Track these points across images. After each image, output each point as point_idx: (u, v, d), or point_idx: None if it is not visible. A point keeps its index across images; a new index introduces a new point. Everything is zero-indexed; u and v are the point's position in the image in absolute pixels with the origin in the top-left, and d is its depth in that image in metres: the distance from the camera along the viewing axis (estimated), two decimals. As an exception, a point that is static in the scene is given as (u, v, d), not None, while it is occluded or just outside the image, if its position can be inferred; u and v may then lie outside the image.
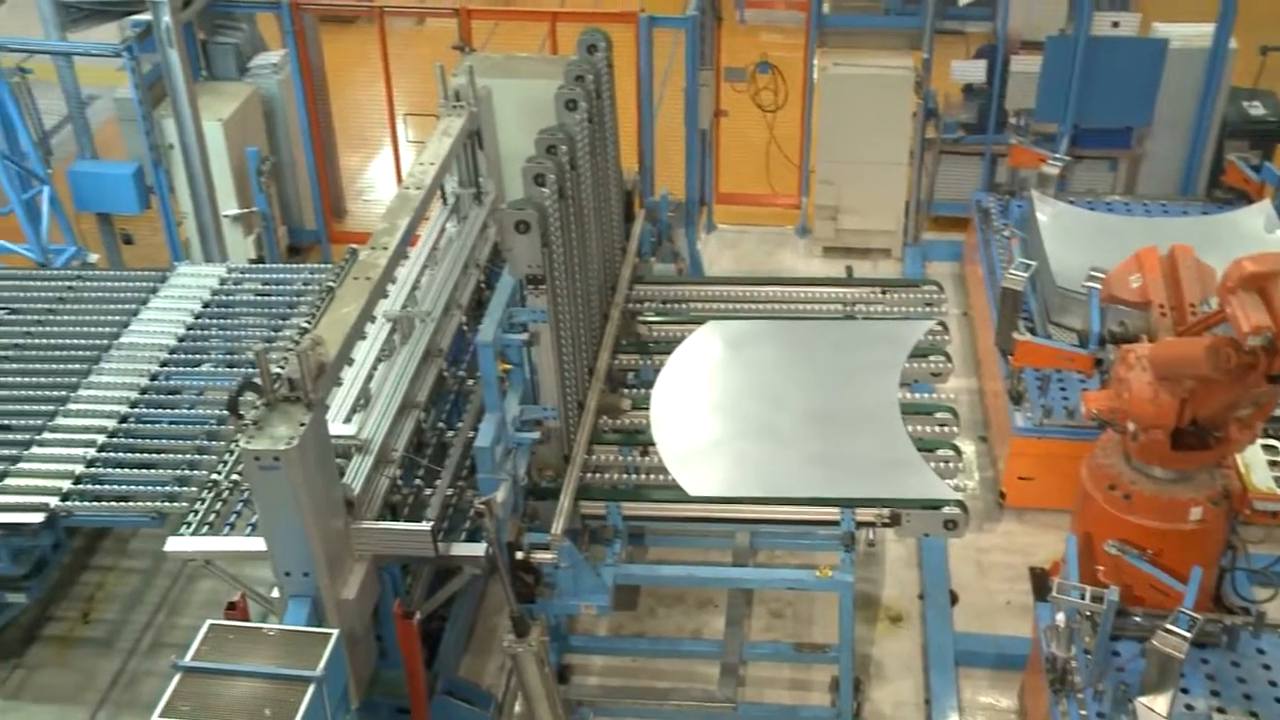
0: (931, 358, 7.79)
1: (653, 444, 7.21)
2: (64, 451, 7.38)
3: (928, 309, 8.29)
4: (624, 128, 8.67)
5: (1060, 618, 5.98)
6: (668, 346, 7.97)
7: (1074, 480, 6.56)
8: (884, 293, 8.43)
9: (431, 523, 6.24)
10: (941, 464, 6.99)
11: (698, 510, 6.92)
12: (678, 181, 10.77)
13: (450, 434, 7.21)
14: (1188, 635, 5.50)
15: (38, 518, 6.95)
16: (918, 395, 7.61)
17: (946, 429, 7.30)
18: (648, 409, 7.49)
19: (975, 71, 10.96)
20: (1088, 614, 5.96)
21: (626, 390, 7.79)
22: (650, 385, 7.67)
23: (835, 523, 6.73)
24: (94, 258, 10.21)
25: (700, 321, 8.15)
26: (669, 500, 6.93)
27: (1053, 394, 8.40)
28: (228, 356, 8.18)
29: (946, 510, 6.70)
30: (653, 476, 7.08)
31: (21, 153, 9.66)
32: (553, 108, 7.34)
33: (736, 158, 11.89)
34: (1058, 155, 9.81)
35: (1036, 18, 10.91)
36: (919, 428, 7.26)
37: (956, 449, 7.12)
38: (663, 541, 7.93)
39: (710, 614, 7.93)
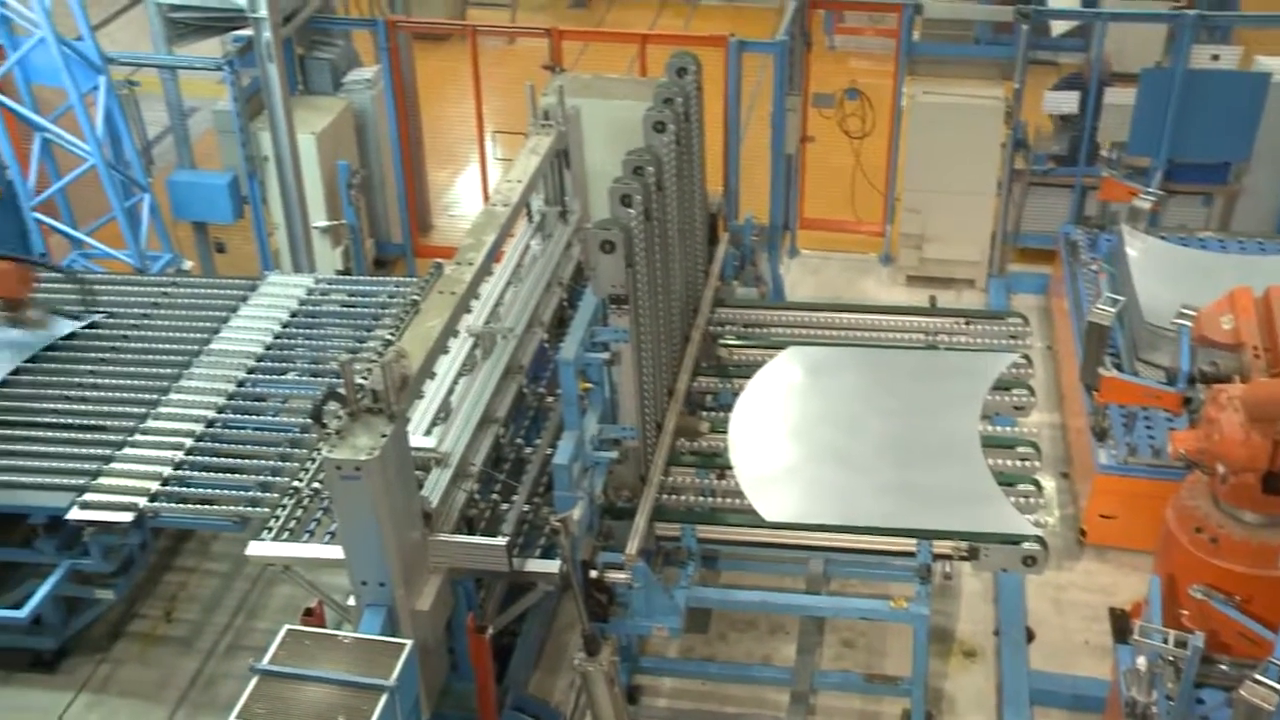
0: (1014, 391, 7.70)
1: (730, 468, 7.21)
2: (153, 454, 7.54)
3: (1011, 341, 8.20)
4: (710, 150, 8.69)
5: (1141, 661, 5.85)
6: (747, 370, 7.96)
7: (1158, 521, 6.43)
8: (968, 324, 8.36)
9: (507, 538, 6.30)
10: (1021, 499, 6.90)
11: (773, 536, 6.89)
12: (762, 206, 10.77)
13: (528, 450, 7.26)
14: (1278, 687, 5.35)
15: (127, 517, 7.12)
16: (999, 428, 7.53)
17: (1027, 463, 7.21)
18: (726, 432, 7.48)
19: (1068, 102, 10.83)
20: (1171, 659, 5.82)
21: (705, 413, 7.80)
22: (729, 409, 7.67)
23: (911, 554, 6.68)
24: (188, 265, 10.44)
25: (781, 347, 8.14)
26: (744, 525, 6.92)
27: (1138, 432, 8.25)
28: (312, 366, 8.31)
29: (1025, 546, 6.62)
30: (728, 500, 7.08)
31: (125, 161, 9.93)
32: (640, 129, 7.39)
33: (821, 183, 11.85)
34: (1150, 190, 9.66)
35: (1131, 49, 10.77)
36: (999, 461, 7.17)
37: (1037, 484, 7.02)
38: (736, 565, 7.89)
39: (781, 640, 7.88)
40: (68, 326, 8.49)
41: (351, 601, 6.14)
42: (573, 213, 8.76)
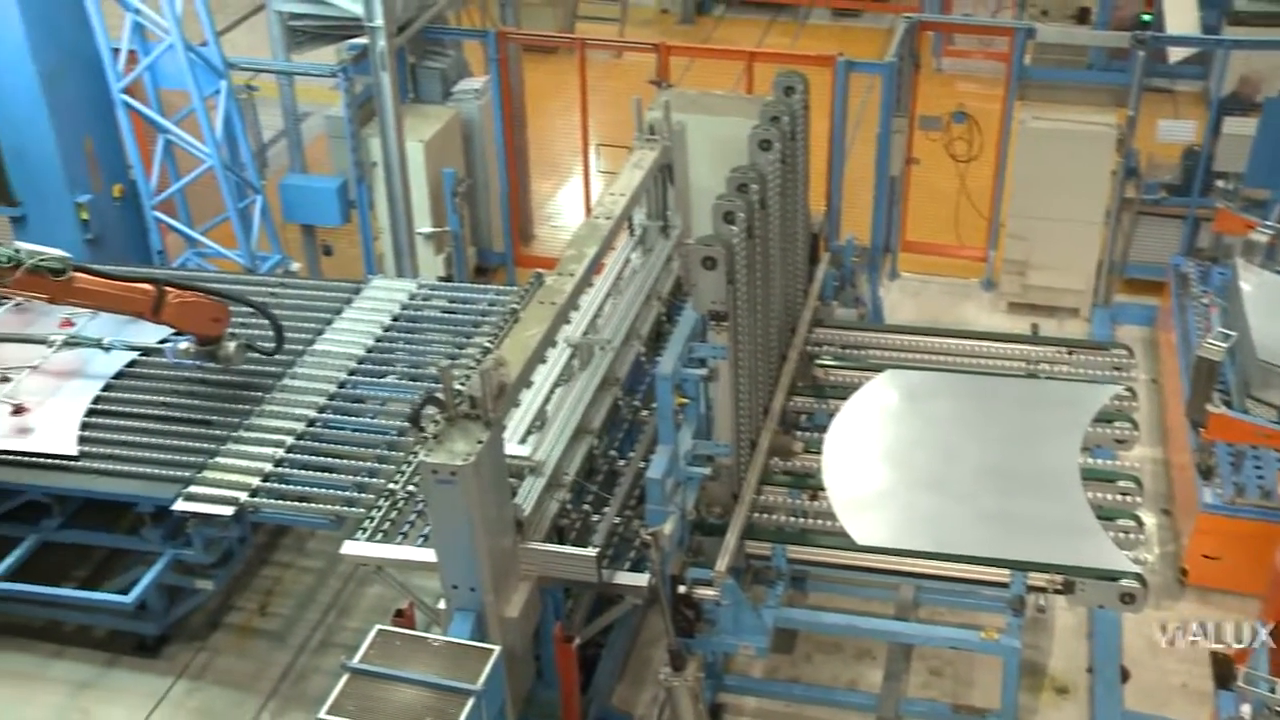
0: (1117, 424, 7.55)
1: (823, 489, 7.17)
2: (255, 450, 7.71)
3: (1115, 373, 8.05)
4: (813, 169, 8.66)
5: (1246, 710, 5.67)
6: (844, 392, 7.91)
7: (1265, 564, 6.26)
8: (1070, 353, 8.23)
9: (597, 549, 6.33)
10: (1121, 534, 6.76)
11: (863, 560, 6.84)
12: (864, 227, 10.69)
13: (621, 463, 7.30)
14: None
15: (228, 511, 7.29)
16: (1100, 461, 7.39)
17: (1128, 498, 7.07)
18: (820, 453, 7.44)
19: (1183, 131, 10.60)
20: (1278, 709, 5.65)
21: (799, 433, 7.77)
22: (824, 429, 7.63)
23: (1004, 585, 6.57)
24: (296, 266, 10.68)
25: (878, 369, 8.07)
26: (835, 547, 6.87)
27: (1246, 471, 8.02)
28: (411, 370, 8.43)
29: (1124, 582, 6.48)
30: (820, 521, 7.04)
31: (241, 164, 10.20)
32: (745, 146, 7.40)
33: (925, 206, 11.73)
34: (1269, 223, 9.40)
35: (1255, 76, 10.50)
36: (1099, 495, 7.04)
37: (1138, 520, 6.88)
38: (824, 587, 7.83)
39: (868, 665, 7.80)
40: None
41: (442, 605, 6.22)
42: (674, 228, 8.79)
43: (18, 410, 7.94)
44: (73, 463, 7.66)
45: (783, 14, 17.78)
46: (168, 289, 7.66)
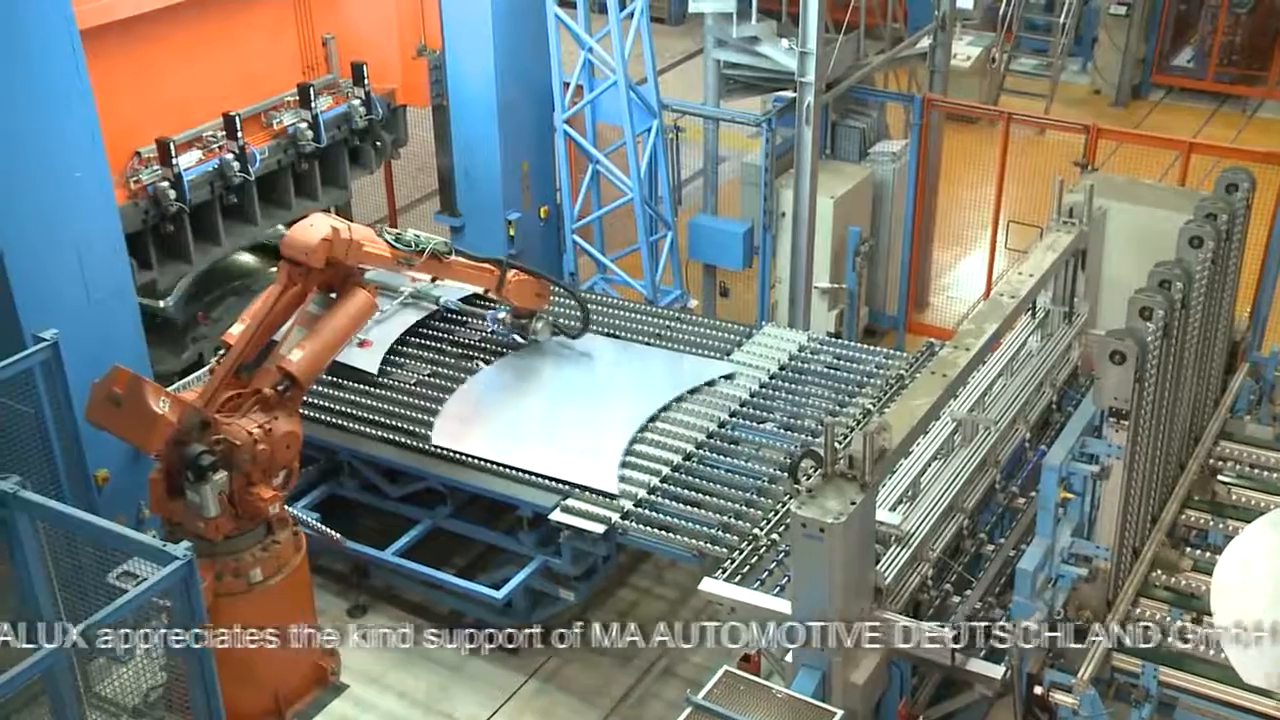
0: None
1: (1208, 614, 6.63)
2: (632, 474, 8.03)
3: None
4: (1243, 272, 8.08)
5: None
6: (1246, 514, 7.29)
7: None
8: None
9: (955, 631, 6.16)
10: None
11: (1247, 699, 6.26)
12: (1292, 341, 9.86)
13: (990, 548, 7.07)
14: None
15: (599, 529, 7.62)
16: None
17: None
18: (1209, 574, 6.90)
19: None
20: None
21: (1189, 549, 7.24)
22: (1217, 550, 7.06)
23: None
24: (693, 303, 11.06)
25: (1290, 496, 7.39)
26: (1215, 679, 6.34)
27: None
28: (790, 420, 8.52)
29: None
30: (1200, 649, 6.51)
31: (658, 199, 10.69)
32: (1170, 240, 7.00)
33: (1370, 327, 10.67)
34: None
35: None
36: None
37: None
38: (1191, 718, 7.23)
39: (1231, 815, 7.12)
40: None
41: (789, 658, 6.23)
42: (1079, 315, 8.45)
43: (362, 344, 9.33)
44: (467, 458, 8.25)
45: (1228, 104, 16.74)
46: (509, 268, 8.80)
